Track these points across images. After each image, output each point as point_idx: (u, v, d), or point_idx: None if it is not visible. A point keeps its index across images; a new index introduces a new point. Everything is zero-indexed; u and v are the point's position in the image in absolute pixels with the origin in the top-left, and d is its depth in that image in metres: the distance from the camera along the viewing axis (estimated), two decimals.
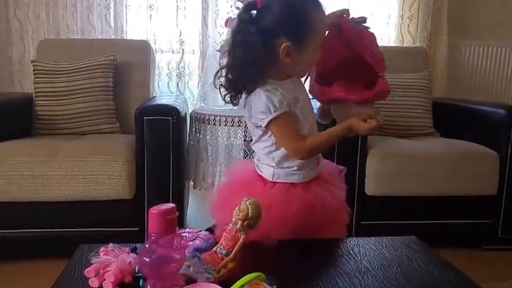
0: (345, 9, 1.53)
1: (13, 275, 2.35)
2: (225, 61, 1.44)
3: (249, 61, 1.38)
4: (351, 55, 1.50)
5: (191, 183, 2.91)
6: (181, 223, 2.53)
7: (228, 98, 1.47)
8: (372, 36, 1.51)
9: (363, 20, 1.51)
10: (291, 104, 1.42)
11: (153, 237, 0.96)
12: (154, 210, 0.96)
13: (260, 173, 1.52)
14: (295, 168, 1.47)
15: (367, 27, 1.51)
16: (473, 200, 2.65)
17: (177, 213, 0.98)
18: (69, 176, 2.34)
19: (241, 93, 1.46)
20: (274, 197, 1.43)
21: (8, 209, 2.39)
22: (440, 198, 2.62)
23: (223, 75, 1.44)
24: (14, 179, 2.32)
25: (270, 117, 1.39)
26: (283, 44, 1.37)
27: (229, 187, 1.62)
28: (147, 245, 0.97)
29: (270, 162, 1.48)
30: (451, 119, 3.14)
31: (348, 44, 1.50)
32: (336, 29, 1.51)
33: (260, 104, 1.40)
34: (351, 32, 1.49)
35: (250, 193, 1.27)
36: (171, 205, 0.98)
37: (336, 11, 1.52)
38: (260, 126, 1.43)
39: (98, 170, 2.35)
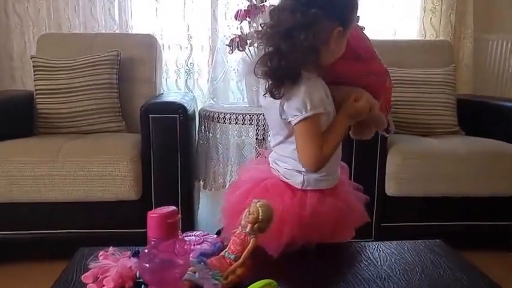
0: None
1: (15, 278, 2.36)
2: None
3: (308, 45, 1.28)
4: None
5: (201, 183, 2.88)
6: (191, 225, 2.53)
7: (273, 90, 1.34)
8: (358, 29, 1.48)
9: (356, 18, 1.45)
10: (327, 103, 1.35)
11: (153, 242, 0.94)
12: (154, 213, 0.94)
13: (286, 180, 1.43)
14: (325, 173, 1.40)
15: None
16: (500, 200, 2.60)
17: (179, 216, 0.95)
18: (72, 177, 2.32)
19: (284, 85, 1.33)
20: (308, 207, 1.36)
21: (10, 210, 2.38)
22: (464, 198, 2.58)
23: (266, 63, 1.34)
24: (15, 179, 2.32)
25: (305, 115, 1.30)
26: (338, 28, 1.31)
27: (246, 194, 1.44)
28: (146, 250, 0.94)
29: (298, 167, 1.39)
30: (477, 116, 3.09)
31: None
32: None
33: (298, 99, 1.30)
34: None
35: (279, 204, 1.24)
36: (171, 208, 0.95)
37: None
38: (290, 123, 1.35)
39: (102, 170, 2.33)
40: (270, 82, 1.33)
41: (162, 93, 3.22)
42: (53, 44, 3.08)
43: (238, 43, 2.70)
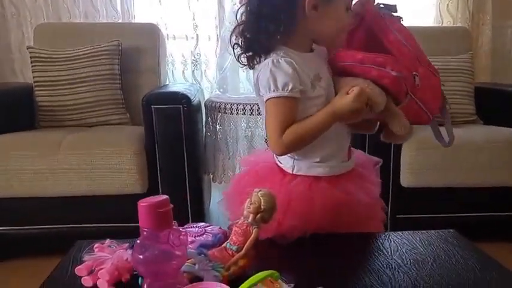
0: None
1: (17, 273, 2.39)
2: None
3: (265, 14, 1.27)
4: (369, 43, 1.38)
5: (210, 176, 2.88)
6: (200, 217, 2.51)
7: (243, 60, 1.36)
8: (399, 25, 1.37)
9: (391, 7, 1.38)
10: (306, 86, 1.30)
11: (145, 233, 0.92)
12: (144, 202, 0.92)
13: (279, 164, 1.44)
14: (318, 159, 1.38)
15: (396, 16, 1.39)
16: None
17: (171, 205, 0.93)
18: (74, 170, 2.33)
19: (260, 57, 1.33)
20: (294, 192, 1.35)
21: (10, 205, 2.40)
22: (482, 189, 2.58)
23: (240, 32, 1.33)
24: (15, 173, 2.33)
25: (267, 96, 1.30)
26: None
27: (244, 178, 1.51)
28: (138, 241, 0.93)
29: None
30: (496, 105, 3.07)
31: (368, 31, 1.39)
32: (357, 19, 1.40)
33: (263, 77, 1.30)
34: (372, 15, 1.38)
35: (268, 187, 1.20)
36: (163, 197, 0.93)
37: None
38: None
39: (105, 164, 2.34)
40: (240, 52, 1.35)
41: (167, 84, 3.21)
42: (51, 34, 3.08)
43: None
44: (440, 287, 1.06)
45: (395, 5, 1.39)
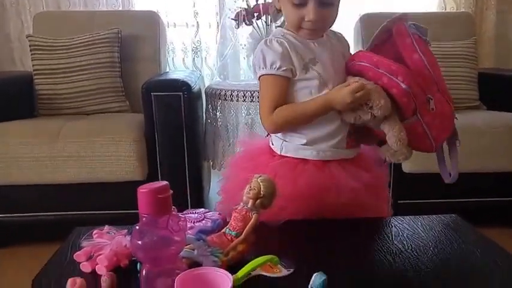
0: (403, 14, 1.44)
1: (16, 260, 2.40)
2: None
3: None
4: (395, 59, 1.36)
5: (210, 163, 2.89)
6: (199, 204, 2.52)
7: None
8: (425, 48, 1.37)
9: (422, 30, 1.39)
10: (296, 67, 1.38)
11: (144, 219, 0.92)
12: (143, 188, 0.92)
13: (271, 145, 1.50)
14: (304, 141, 1.42)
15: (425, 39, 1.39)
16: None
17: (171, 191, 0.93)
18: (74, 158, 2.34)
19: None
20: (278, 171, 1.39)
21: (10, 193, 2.41)
22: (485, 174, 2.58)
23: None
24: (15, 161, 2.34)
25: (259, 73, 1.41)
26: None
27: (240, 158, 1.60)
28: (137, 227, 0.93)
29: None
30: (499, 91, 3.06)
31: (395, 48, 1.39)
32: (387, 34, 1.43)
33: (256, 56, 1.42)
34: (399, 32, 1.39)
35: (256, 165, 1.28)
36: (163, 183, 0.94)
37: (395, 16, 1.43)
38: None
39: (105, 151, 2.35)
40: None
41: (167, 72, 3.21)
42: (51, 22, 3.08)
43: (245, 17, 2.68)
44: (441, 272, 1.07)
45: (426, 29, 1.40)
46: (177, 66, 3.54)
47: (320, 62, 1.39)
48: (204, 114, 2.85)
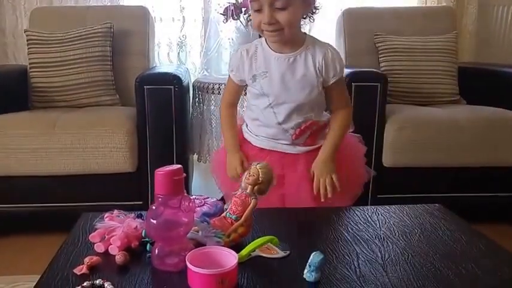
0: None
1: (13, 251, 2.44)
2: None
3: None
4: None
5: (195, 156, 2.95)
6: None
7: None
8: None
9: None
10: (245, 77, 1.67)
11: (160, 199, 1.01)
12: (161, 171, 1.01)
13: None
14: (249, 128, 1.78)
15: None
16: (501, 171, 2.60)
17: (184, 174, 1.03)
18: (68, 149, 2.39)
19: None
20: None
21: (7, 183, 2.46)
22: (465, 169, 2.57)
23: None
24: (12, 152, 2.39)
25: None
26: None
27: (222, 152, 1.87)
28: (153, 207, 1.02)
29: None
30: (479, 85, 3.07)
31: None
32: None
33: None
34: None
35: None
36: (177, 166, 1.03)
37: None
38: None
39: (98, 143, 2.39)
40: None
41: (156, 66, 3.26)
42: (46, 17, 3.13)
43: (233, 11, 2.75)
44: (429, 256, 1.13)
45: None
46: (162, 59, 3.58)
47: (269, 77, 1.62)
48: (191, 108, 2.90)
